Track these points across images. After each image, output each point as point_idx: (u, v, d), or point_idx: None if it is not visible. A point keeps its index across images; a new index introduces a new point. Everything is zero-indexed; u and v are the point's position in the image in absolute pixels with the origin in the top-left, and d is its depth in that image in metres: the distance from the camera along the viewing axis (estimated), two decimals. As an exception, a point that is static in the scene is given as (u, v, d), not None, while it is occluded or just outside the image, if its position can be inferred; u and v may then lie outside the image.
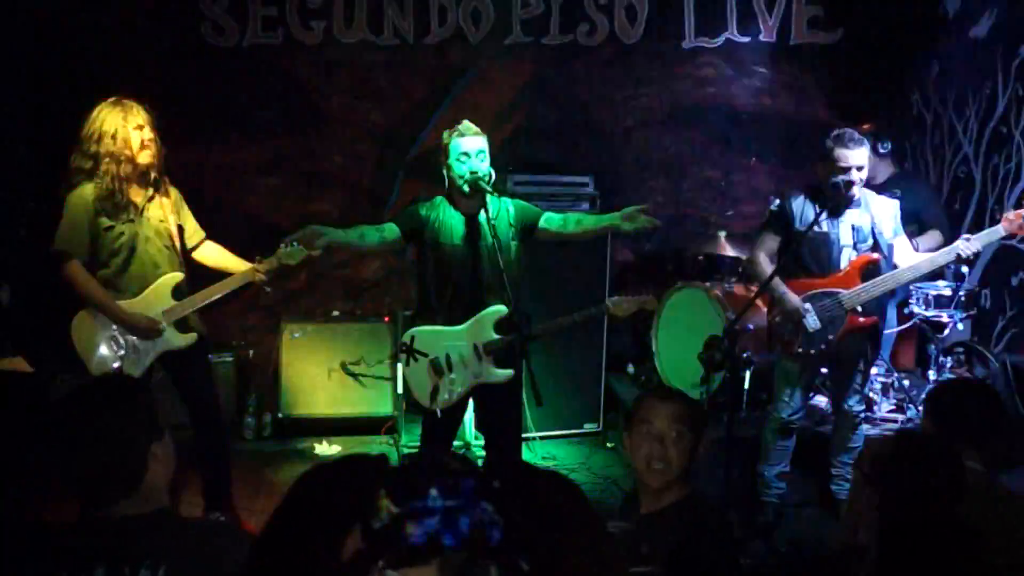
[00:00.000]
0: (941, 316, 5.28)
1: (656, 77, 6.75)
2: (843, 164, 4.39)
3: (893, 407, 5.57)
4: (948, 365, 5.46)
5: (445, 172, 4.14)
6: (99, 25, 6.08)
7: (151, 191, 4.25)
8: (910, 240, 4.84)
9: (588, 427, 6.15)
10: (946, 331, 5.34)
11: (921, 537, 1.96)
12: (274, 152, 6.54)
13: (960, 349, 5.61)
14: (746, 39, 6.69)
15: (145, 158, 4.14)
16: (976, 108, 6.01)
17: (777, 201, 4.76)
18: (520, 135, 6.61)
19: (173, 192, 4.42)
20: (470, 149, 4.06)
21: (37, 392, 5.44)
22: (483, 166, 4.07)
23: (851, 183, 4.40)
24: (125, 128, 4.09)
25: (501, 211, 4.17)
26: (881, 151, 5.63)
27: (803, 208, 4.58)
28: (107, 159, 4.07)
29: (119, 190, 4.10)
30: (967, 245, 4.30)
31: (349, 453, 1.23)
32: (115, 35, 6.11)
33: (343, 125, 6.58)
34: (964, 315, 5.33)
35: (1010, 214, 4.30)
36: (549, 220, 4.24)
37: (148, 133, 4.14)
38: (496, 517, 1.01)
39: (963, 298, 5.26)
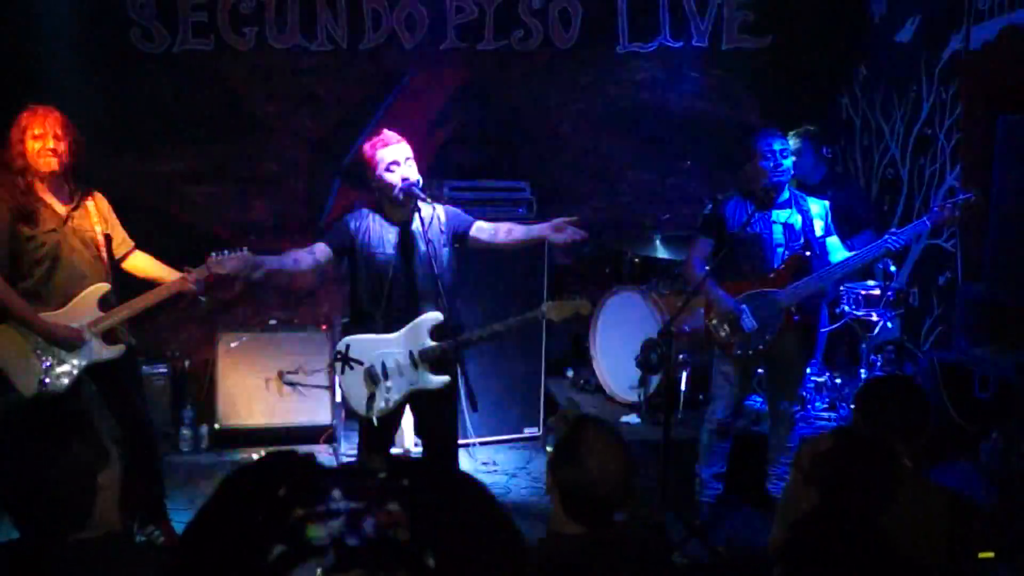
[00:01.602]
0: (871, 315, 5.39)
1: (591, 82, 6.79)
2: (763, 151, 4.49)
3: (826, 406, 5.67)
4: (879, 363, 5.57)
5: (375, 184, 4.12)
6: (26, 31, 5.93)
7: (75, 200, 4.18)
8: (845, 240, 4.94)
9: (528, 431, 6.15)
10: (876, 330, 5.45)
11: (833, 534, 1.99)
12: (208, 160, 6.43)
13: (890, 347, 5.74)
14: (679, 44, 6.76)
15: (45, 167, 4.05)
16: (902, 111, 6.15)
17: (710, 205, 4.82)
18: (455, 141, 6.60)
19: (101, 201, 4.36)
20: (399, 157, 4.04)
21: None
22: (413, 172, 4.06)
23: (778, 166, 4.48)
24: (23, 136, 4.02)
25: (433, 218, 4.16)
26: (825, 154, 5.76)
27: (736, 210, 4.65)
28: (8, 170, 4.02)
29: (23, 200, 4.04)
30: (895, 239, 4.40)
31: (273, 451, 1.21)
32: (42, 41, 5.95)
33: (278, 132, 6.50)
34: (893, 314, 5.45)
35: (934, 208, 4.42)
36: (480, 229, 4.26)
37: (51, 142, 4.04)
38: (403, 516, 1.01)
39: (892, 297, 5.36)
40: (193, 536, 1.12)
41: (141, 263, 4.47)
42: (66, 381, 4.13)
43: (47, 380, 4.10)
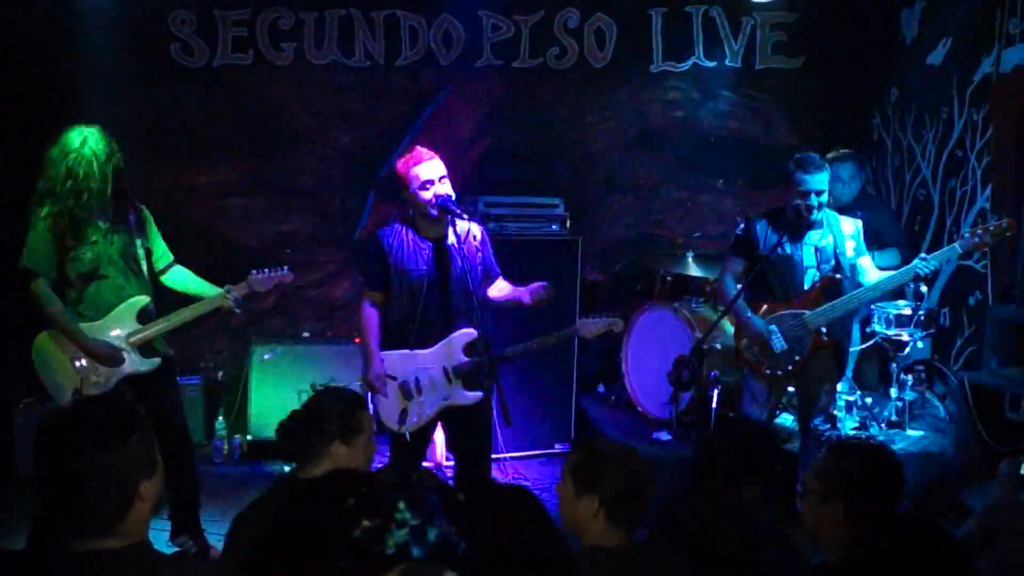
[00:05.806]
0: (902, 335, 5.39)
1: (625, 100, 6.84)
2: (803, 189, 4.48)
3: (857, 425, 5.65)
4: (909, 383, 5.56)
5: (409, 202, 4.15)
6: (70, 45, 6.04)
7: (118, 213, 4.23)
8: (872, 257, 4.94)
9: (559, 447, 6.16)
10: (907, 349, 5.45)
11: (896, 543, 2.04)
12: (245, 173, 6.53)
13: (920, 367, 5.73)
14: (712, 64, 6.80)
15: (93, 183, 4.05)
16: (933, 132, 6.15)
17: (742, 225, 4.84)
18: (490, 157, 6.66)
19: (144, 215, 4.40)
20: (432, 176, 4.06)
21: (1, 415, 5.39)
22: (448, 189, 4.10)
23: (811, 207, 4.49)
24: (78, 154, 4.02)
25: (468, 234, 4.21)
26: (867, 178, 5.78)
27: (766, 231, 4.66)
28: (59, 184, 4.03)
29: (70, 214, 4.05)
30: (924, 264, 4.39)
31: (332, 470, 1.25)
32: (85, 56, 6.06)
33: (314, 146, 6.59)
34: (924, 334, 5.45)
35: (965, 233, 4.41)
36: (495, 285, 4.39)
37: (89, 164, 4.04)
38: (456, 531, 1.05)
39: (923, 317, 5.36)
40: (262, 548, 1.16)
41: (180, 278, 4.50)
42: (101, 392, 4.16)
43: (82, 390, 4.14)
